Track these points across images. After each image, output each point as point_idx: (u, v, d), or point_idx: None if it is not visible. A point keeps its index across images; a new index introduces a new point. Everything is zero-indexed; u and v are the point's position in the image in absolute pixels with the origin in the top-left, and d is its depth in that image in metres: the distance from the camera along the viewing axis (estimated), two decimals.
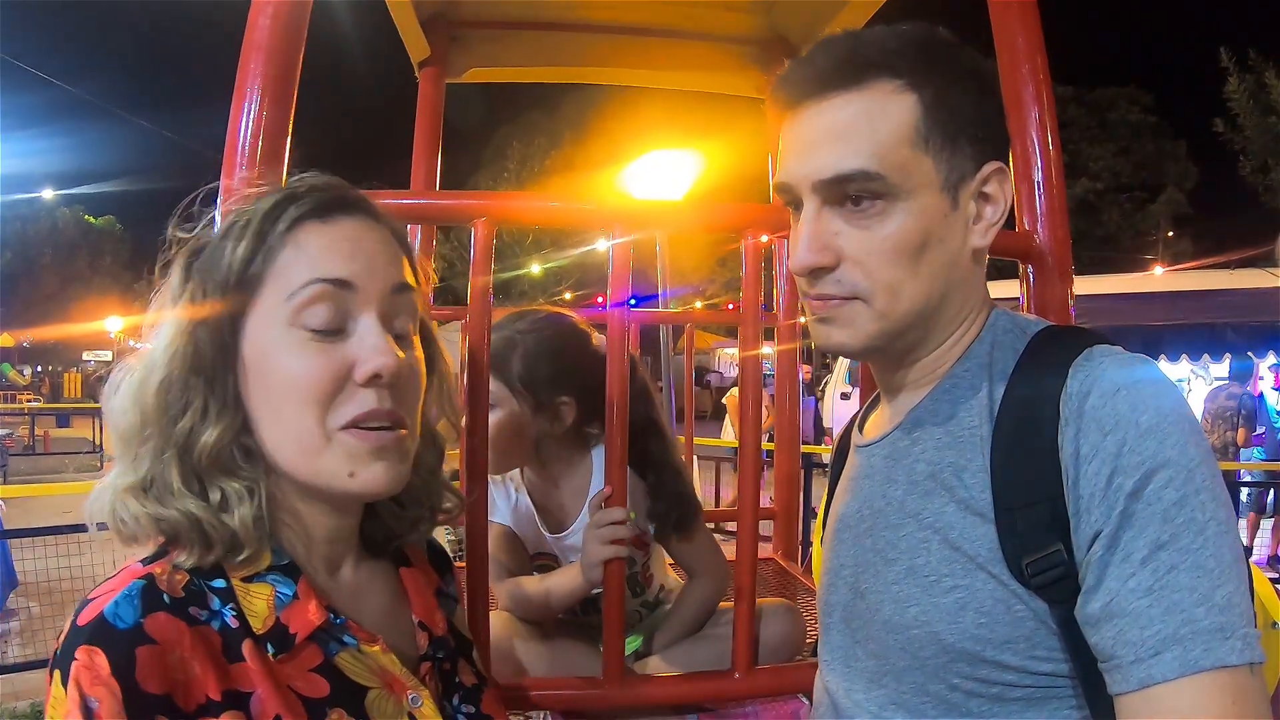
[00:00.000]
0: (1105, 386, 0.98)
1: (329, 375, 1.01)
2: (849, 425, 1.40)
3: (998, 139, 1.13)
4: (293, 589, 1.03)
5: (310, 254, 1.03)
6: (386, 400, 1.03)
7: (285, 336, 1.01)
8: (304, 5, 1.66)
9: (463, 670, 1.23)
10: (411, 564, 1.25)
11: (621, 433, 1.71)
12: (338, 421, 1.01)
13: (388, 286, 1.07)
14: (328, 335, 1.02)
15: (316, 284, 1.02)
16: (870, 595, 1.15)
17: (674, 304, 6.34)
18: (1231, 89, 20.42)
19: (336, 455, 1.02)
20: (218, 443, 1.00)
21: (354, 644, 1.05)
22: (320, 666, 1.01)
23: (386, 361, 1.02)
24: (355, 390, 1.02)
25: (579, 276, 30.82)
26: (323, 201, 1.07)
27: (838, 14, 3.04)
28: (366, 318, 1.04)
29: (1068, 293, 1.84)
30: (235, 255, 1.03)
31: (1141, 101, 32.18)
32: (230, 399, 1.02)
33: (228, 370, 1.03)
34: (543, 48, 3.50)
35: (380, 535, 1.20)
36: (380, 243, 1.09)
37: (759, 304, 1.83)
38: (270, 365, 1.02)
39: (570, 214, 1.87)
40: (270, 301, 1.02)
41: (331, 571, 1.12)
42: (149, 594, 0.92)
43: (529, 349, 1.97)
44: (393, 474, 1.05)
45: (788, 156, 1.12)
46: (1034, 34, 1.89)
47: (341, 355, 1.02)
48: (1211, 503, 0.93)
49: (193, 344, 1.01)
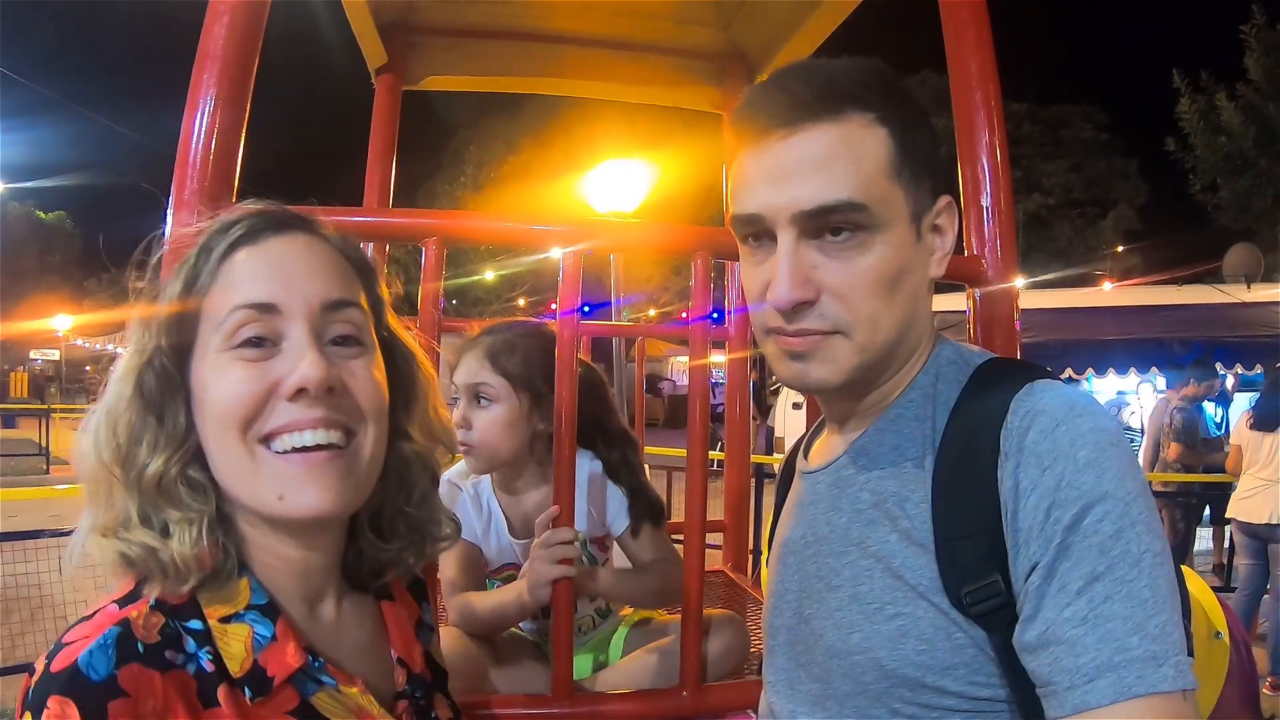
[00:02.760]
0: (1045, 421, 1.00)
1: (251, 393, 0.99)
2: (794, 449, 1.41)
3: (946, 174, 1.16)
4: (271, 630, 1.01)
5: (234, 281, 1.02)
6: (318, 409, 1.00)
7: (217, 363, 1.00)
8: (259, 15, 1.65)
9: (439, 705, 1.22)
10: (393, 597, 1.23)
11: (570, 445, 1.71)
12: (259, 434, 0.99)
13: (316, 304, 1.03)
14: (256, 356, 1.00)
15: (240, 310, 1.00)
16: (814, 620, 1.15)
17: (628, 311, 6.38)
18: (1183, 109, 20.73)
19: (265, 478, 1.00)
20: (159, 473, 0.99)
21: (332, 684, 1.04)
22: (296, 709, 1.00)
23: (310, 373, 0.99)
24: (281, 404, 1.00)
25: (533, 283, 30.67)
26: (253, 227, 1.05)
27: (796, 32, 3.05)
28: (296, 333, 1.01)
29: (1013, 315, 1.87)
30: (172, 293, 1.03)
31: (1094, 119, 32.56)
32: (180, 430, 1.01)
33: (178, 403, 1.02)
34: (501, 57, 3.48)
35: (364, 568, 1.17)
36: (310, 260, 1.06)
37: (708, 325, 1.84)
38: (206, 394, 1.01)
39: (522, 234, 1.87)
40: (206, 333, 1.02)
41: (311, 607, 1.09)
42: (123, 643, 0.91)
43: (529, 350, 2.06)
44: (332, 494, 1.01)
45: (758, 186, 1.09)
46: (987, 61, 1.92)
47: (270, 372, 1.00)
48: (1147, 535, 0.95)
49: (139, 384, 1.00)
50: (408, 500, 1.16)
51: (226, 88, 1.60)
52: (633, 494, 2.12)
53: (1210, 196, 21.62)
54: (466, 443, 2.05)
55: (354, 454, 1.04)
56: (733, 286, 3.31)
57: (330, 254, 1.09)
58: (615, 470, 2.13)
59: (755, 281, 1.13)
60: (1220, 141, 20.46)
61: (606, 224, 2.92)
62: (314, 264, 1.06)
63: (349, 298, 1.07)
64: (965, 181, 1.89)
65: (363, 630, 1.16)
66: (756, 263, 1.13)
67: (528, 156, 29.13)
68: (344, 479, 1.02)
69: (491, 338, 2.10)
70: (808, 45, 3.03)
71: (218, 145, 1.59)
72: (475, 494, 2.18)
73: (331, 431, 1.01)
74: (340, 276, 1.08)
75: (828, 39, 2.97)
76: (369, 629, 1.17)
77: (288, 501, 1.00)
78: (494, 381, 2.05)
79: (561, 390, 1.72)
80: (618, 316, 13.67)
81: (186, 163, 1.58)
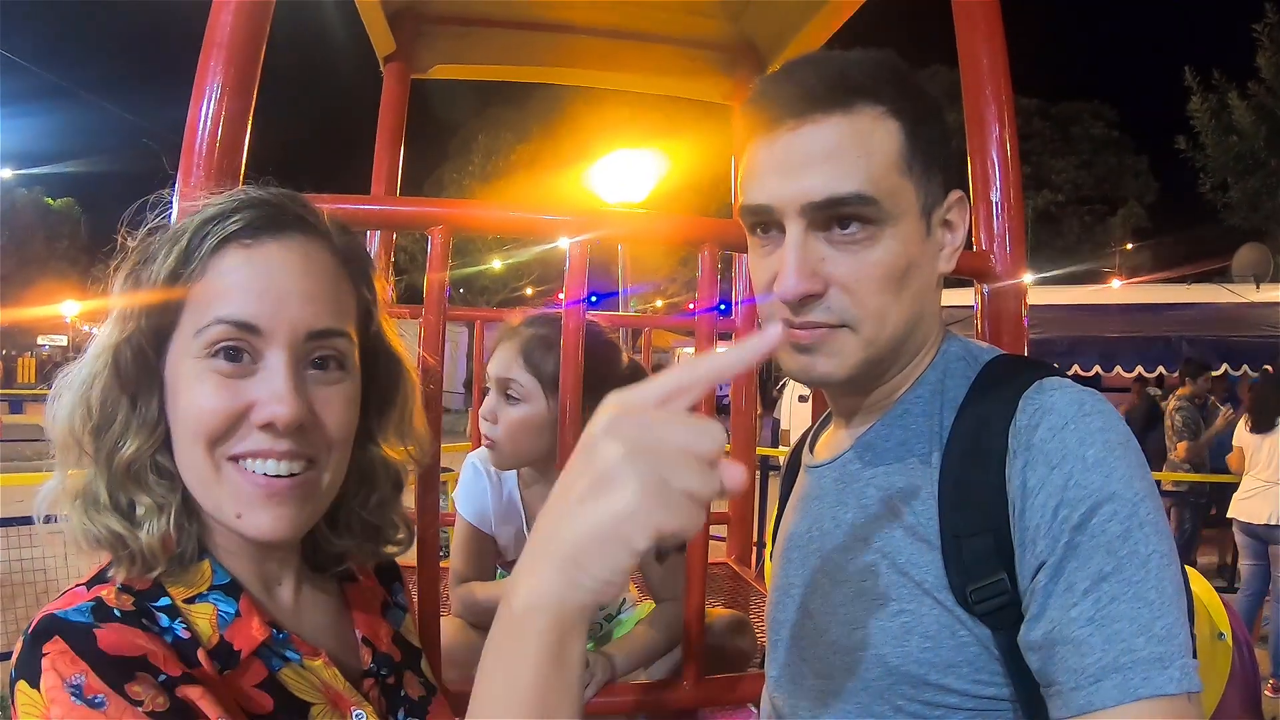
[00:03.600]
0: (1053, 420, 0.99)
1: (223, 413, 0.97)
2: (800, 443, 1.41)
3: (957, 168, 1.15)
4: (235, 607, 1.01)
5: (222, 286, 0.99)
6: (284, 443, 0.98)
7: (193, 368, 0.98)
8: (266, 2, 1.64)
9: (409, 683, 1.20)
10: (357, 579, 1.22)
11: (575, 435, 1.70)
12: (227, 452, 0.98)
13: (302, 332, 1.00)
14: (231, 371, 0.97)
15: (221, 325, 0.97)
16: (818, 616, 1.15)
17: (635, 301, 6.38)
18: (1194, 108, 20.70)
19: (225, 492, 0.98)
20: (133, 458, 0.98)
21: (297, 659, 1.03)
22: (264, 683, 0.99)
23: (282, 412, 0.96)
24: (250, 429, 0.98)
25: (540, 272, 30.65)
26: (252, 221, 1.01)
27: (807, 23, 3.05)
28: (275, 357, 0.98)
29: (1021, 311, 1.86)
30: (160, 273, 0.99)
31: (1105, 116, 32.49)
32: (151, 417, 1.00)
33: (152, 388, 1.00)
34: (510, 46, 3.47)
35: (320, 554, 1.17)
36: (304, 278, 1.02)
37: (715, 316, 1.83)
38: (178, 392, 0.99)
39: (529, 223, 1.86)
40: (186, 328, 0.99)
41: (270, 588, 1.09)
42: (100, 610, 0.91)
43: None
44: (286, 522, 1.00)
45: (768, 177, 1.09)
46: (998, 55, 1.90)
47: (243, 393, 0.97)
48: (1155, 535, 0.94)
49: (116, 361, 0.99)
50: (364, 504, 1.15)
51: (233, 76, 1.60)
52: None
53: (1220, 195, 21.61)
54: (490, 437, 1.98)
55: (314, 481, 1.02)
56: (740, 278, 3.30)
57: (327, 262, 1.05)
58: None
59: (763, 273, 1.12)
60: (1231, 140, 20.44)
61: (614, 214, 2.91)
62: (306, 284, 1.02)
63: (336, 326, 1.04)
64: (975, 176, 1.88)
65: (325, 611, 1.15)
66: (765, 254, 1.12)
67: (536, 146, 29.12)
68: (301, 506, 1.01)
69: (531, 330, 2.01)
70: (818, 37, 3.02)
71: (224, 133, 1.59)
72: (498, 480, 2.12)
73: (295, 462, 1.00)
74: (333, 298, 1.04)
75: (838, 31, 2.96)
76: (331, 609, 1.16)
77: (244, 521, 0.99)
78: (525, 380, 1.96)
79: (567, 379, 1.71)
80: (624, 307, 13.69)
81: (193, 150, 1.57)
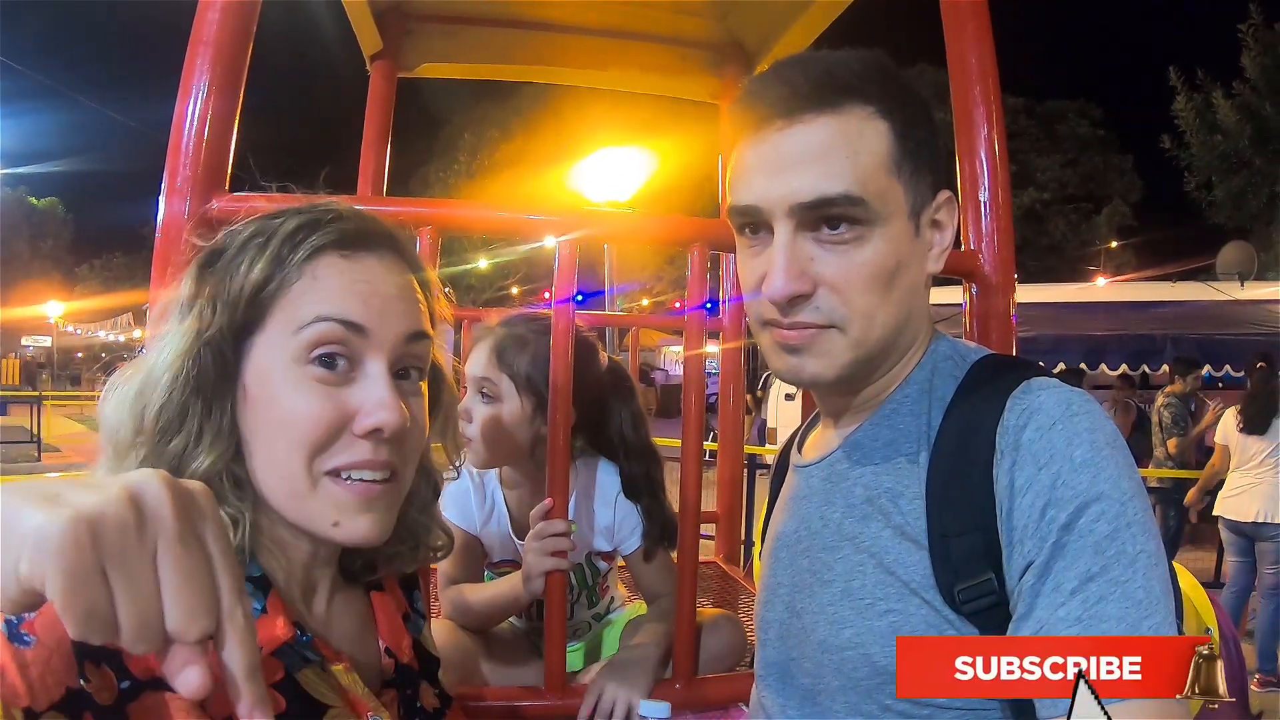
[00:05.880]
0: (1041, 419, 0.99)
1: (326, 422, 0.96)
2: (788, 442, 1.41)
3: (946, 169, 1.15)
4: (261, 603, 0.99)
5: (325, 289, 0.98)
6: (383, 452, 0.98)
7: (289, 372, 0.96)
8: (253, 3, 1.64)
9: (425, 694, 1.20)
10: (383, 588, 1.21)
11: (565, 435, 1.71)
12: (325, 466, 0.97)
13: (401, 334, 1.01)
14: (331, 379, 0.97)
15: (327, 322, 0.96)
16: (806, 615, 1.15)
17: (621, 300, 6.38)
18: (1179, 107, 20.83)
19: (323, 503, 0.98)
20: (209, 471, 0.95)
21: (318, 661, 1.02)
22: (280, 682, 0.98)
23: (389, 418, 0.96)
24: (351, 440, 0.97)
25: (526, 271, 30.60)
26: (346, 234, 1.01)
27: (794, 22, 3.05)
28: (375, 365, 0.98)
29: (1009, 310, 1.87)
30: (249, 276, 0.97)
31: (1090, 115, 32.65)
32: (226, 425, 0.98)
33: (227, 394, 0.98)
34: (497, 44, 3.47)
35: (358, 564, 1.16)
36: (400, 286, 1.03)
37: (703, 316, 1.83)
38: (269, 398, 0.97)
39: (517, 223, 1.85)
40: (278, 330, 0.97)
41: (305, 596, 1.08)
42: None
43: (540, 351, 1.91)
44: (379, 526, 1.00)
45: (756, 176, 1.09)
46: (987, 56, 1.91)
47: (344, 402, 0.97)
48: (1142, 535, 0.94)
49: (196, 364, 0.95)
50: (410, 503, 1.14)
51: (219, 75, 1.59)
52: (649, 514, 2.03)
53: (1205, 194, 21.76)
54: (467, 436, 1.97)
55: (397, 487, 1.03)
56: (727, 277, 3.31)
57: (409, 278, 1.06)
58: (635, 486, 2.04)
59: (751, 273, 1.12)
60: (1216, 140, 20.58)
61: (602, 214, 2.92)
62: (400, 290, 1.03)
63: (426, 330, 1.05)
64: (963, 176, 1.88)
65: (352, 619, 1.15)
66: (753, 254, 1.12)
67: (521, 143, 29.05)
68: (389, 511, 1.02)
69: (505, 330, 2.00)
70: (805, 37, 3.02)
71: (210, 133, 1.58)
72: (480, 483, 2.11)
73: (387, 470, 1.00)
74: (419, 306, 1.06)
75: (826, 31, 2.96)
76: (358, 618, 1.16)
77: (342, 528, 0.98)
78: (498, 379, 1.95)
79: (557, 379, 1.71)
80: (611, 305, 13.70)
81: (179, 150, 1.56)
